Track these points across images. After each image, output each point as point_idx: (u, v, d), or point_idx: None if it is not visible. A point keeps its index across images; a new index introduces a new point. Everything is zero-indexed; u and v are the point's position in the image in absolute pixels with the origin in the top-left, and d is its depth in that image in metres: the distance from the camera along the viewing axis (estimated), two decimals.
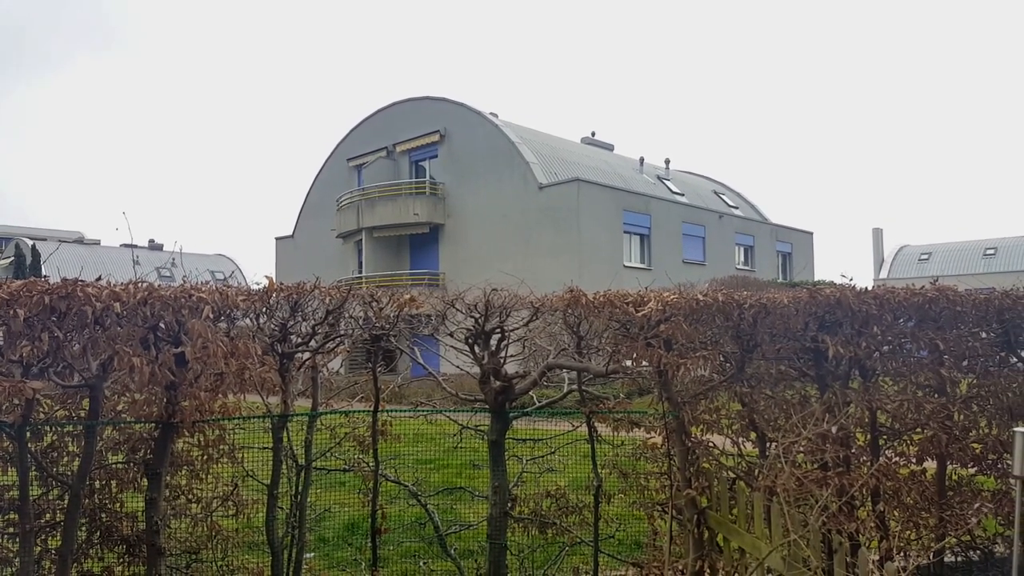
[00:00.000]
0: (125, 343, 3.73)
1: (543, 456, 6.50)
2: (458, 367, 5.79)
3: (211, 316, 3.85)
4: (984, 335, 5.50)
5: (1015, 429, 4.17)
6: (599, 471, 5.53)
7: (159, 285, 3.97)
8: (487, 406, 5.43)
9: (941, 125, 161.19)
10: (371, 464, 5.56)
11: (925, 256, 55.48)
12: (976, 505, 5.07)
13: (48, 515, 4.52)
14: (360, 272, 30.42)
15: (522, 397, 5.53)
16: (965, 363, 5.43)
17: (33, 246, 41.93)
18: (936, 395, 5.23)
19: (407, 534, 6.89)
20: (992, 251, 52.21)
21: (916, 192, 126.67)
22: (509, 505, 5.52)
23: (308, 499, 5.42)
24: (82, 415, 4.47)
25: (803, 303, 4.76)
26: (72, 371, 3.97)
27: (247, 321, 4.72)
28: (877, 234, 59.32)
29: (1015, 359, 5.65)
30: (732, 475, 5.02)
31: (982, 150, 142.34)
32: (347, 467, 5.98)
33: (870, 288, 5.05)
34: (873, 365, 5.05)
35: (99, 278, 3.91)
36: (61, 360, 3.82)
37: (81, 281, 3.72)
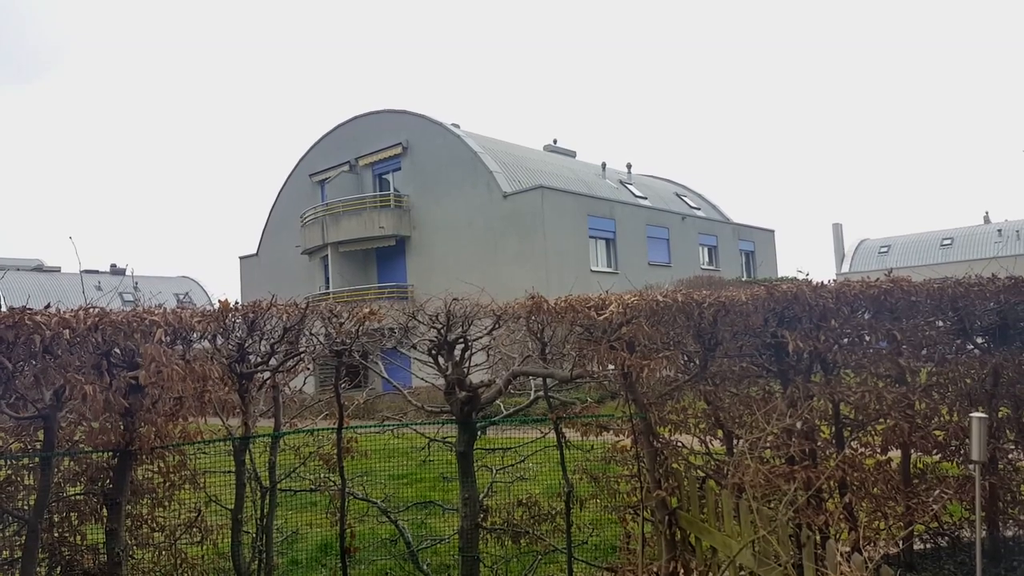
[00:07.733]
0: (77, 371, 3.64)
1: (513, 465, 6.47)
2: (423, 379, 5.74)
3: (164, 339, 3.77)
4: (940, 324, 5.61)
5: (972, 414, 4.25)
6: (570, 477, 5.51)
7: (111, 310, 3.87)
8: (454, 417, 5.39)
9: (898, 120, 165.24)
10: (338, 483, 5.48)
11: (885, 249, 56.64)
12: (936, 491, 5.16)
13: (6, 552, 4.37)
14: (327, 288, 30.13)
15: (489, 406, 5.50)
16: (923, 352, 5.52)
17: None
18: (896, 385, 5.32)
19: (380, 552, 6.80)
20: (949, 241, 53.49)
21: (875, 186, 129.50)
22: (481, 516, 5.48)
23: (276, 522, 5.33)
24: (38, 447, 4.34)
25: (761, 300, 4.81)
26: (25, 402, 3.86)
27: (204, 343, 4.63)
28: (837, 229, 60.47)
29: (971, 346, 5.77)
30: (701, 474, 5.04)
31: (938, 143, 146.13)
32: (313, 487, 5.89)
33: (827, 282, 5.12)
34: (834, 358, 5.11)
35: (48, 305, 3.80)
36: (13, 391, 3.71)
37: (29, 309, 3.62)
